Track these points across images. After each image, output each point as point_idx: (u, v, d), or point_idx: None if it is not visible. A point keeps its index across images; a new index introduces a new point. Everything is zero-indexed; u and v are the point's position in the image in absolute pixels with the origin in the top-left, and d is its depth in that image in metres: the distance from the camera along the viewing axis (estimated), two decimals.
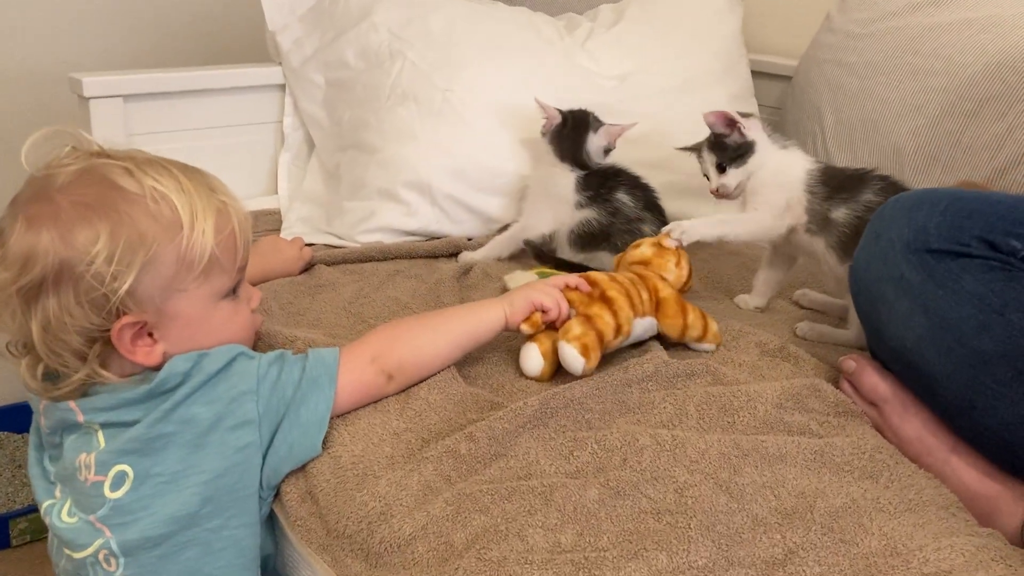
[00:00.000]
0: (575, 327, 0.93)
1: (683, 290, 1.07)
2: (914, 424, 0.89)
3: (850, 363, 0.95)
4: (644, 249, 1.08)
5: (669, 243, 1.07)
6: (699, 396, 0.91)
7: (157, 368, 0.79)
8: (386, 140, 1.35)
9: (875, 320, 0.91)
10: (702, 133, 1.19)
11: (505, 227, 1.35)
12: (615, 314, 0.95)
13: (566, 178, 1.26)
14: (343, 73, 1.44)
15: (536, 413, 0.86)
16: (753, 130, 1.15)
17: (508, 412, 0.85)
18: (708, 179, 1.17)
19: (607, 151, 1.29)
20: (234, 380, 0.80)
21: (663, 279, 1.04)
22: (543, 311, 0.95)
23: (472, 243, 1.34)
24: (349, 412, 0.87)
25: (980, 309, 0.80)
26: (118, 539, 0.77)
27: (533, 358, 0.95)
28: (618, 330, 0.95)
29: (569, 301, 0.97)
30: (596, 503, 0.75)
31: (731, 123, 1.14)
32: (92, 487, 0.78)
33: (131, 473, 0.77)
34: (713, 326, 1.02)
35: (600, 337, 0.93)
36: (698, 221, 1.11)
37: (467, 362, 0.98)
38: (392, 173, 1.33)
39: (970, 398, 0.82)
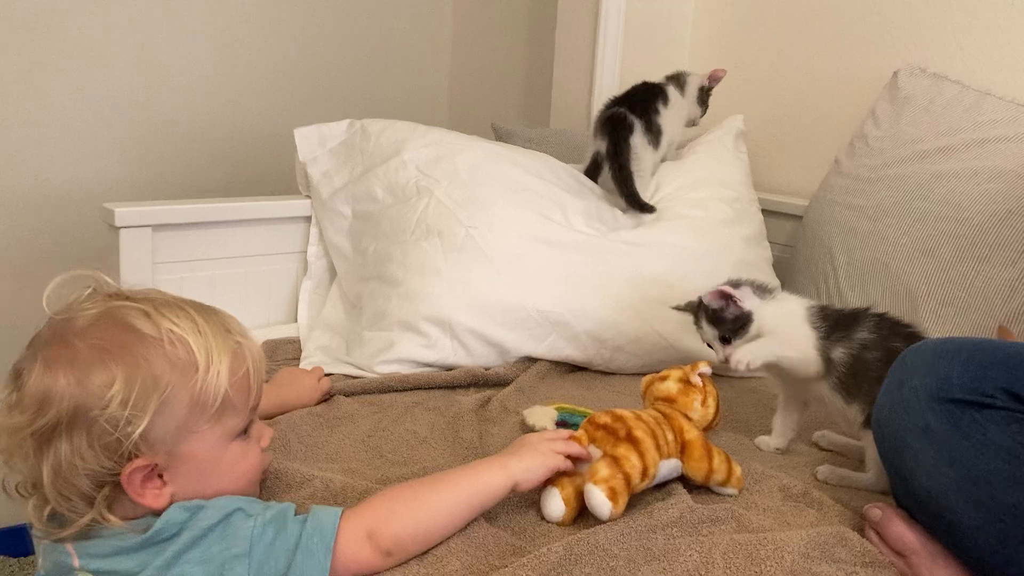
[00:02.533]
0: (602, 469, 0.92)
1: (708, 428, 1.06)
2: None
3: (876, 512, 0.94)
4: (670, 384, 1.06)
5: (695, 379, 1.06)
6: (725, 544, 0.89)
7: (162, 512, 0.78)
8: (409, 273, 1.38)
9: (901, 468, 0.90)
10: (718, 271, 1.22)
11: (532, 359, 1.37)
12: (642, 456, 0.94)
13: None
14: (370, 206, 1.49)
15: (560, 560, 0.85)
16: (746, 299, 1.16)
17: (532, 559, 0.84)
18: (713, 349, 1.19)
19: None
20: (229, 540, 0.78)
21: (688, 419, 1.03)
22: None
23: (490, 372, 1.35)
24: None
25: (1008, 462, 0.80)
26: None
27: (555, 504, 0.94)
28: (644, 473, 0.94)
29: (593, 440, 0.97)
30: None
31: (727, 298, 1.16)
32: None
33: None
34: (737, 470, 1.01)
35: (627, 480, 0.92)
36: (753, 345, 1.11)
37: None
38: (414, 306, 1.36)
39: (1003, 552, 0.81)
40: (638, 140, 1.59)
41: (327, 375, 1.31)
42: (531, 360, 1.41)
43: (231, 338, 0.83)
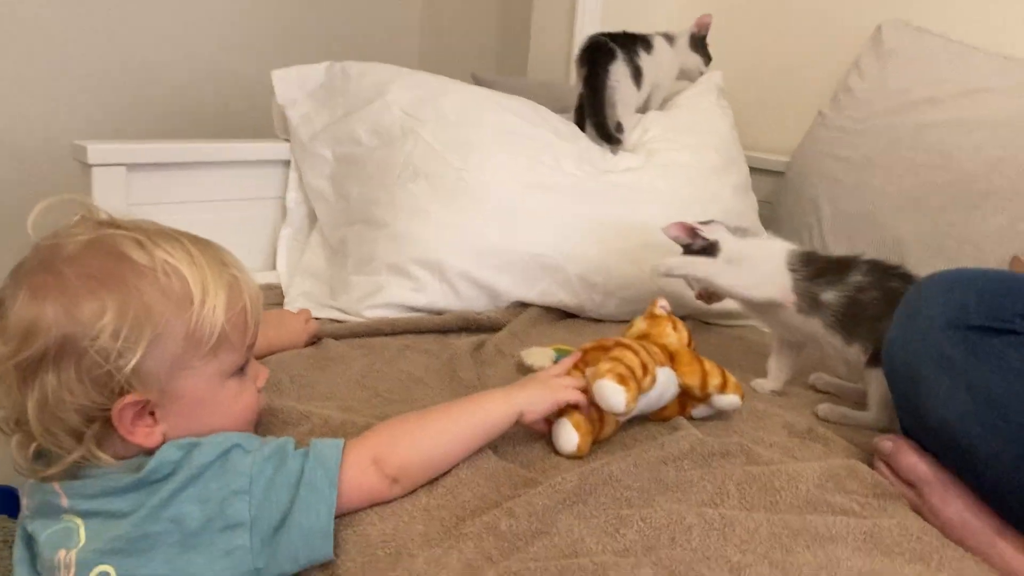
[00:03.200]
0: (603, 364, 0.91)
1: None
2: (956, 506, 0.87)
3: (887, 444, 0.93)
4: (637, 323, 1.07)
5: (659, 311, 1.07)
6: (738, 475, 0.88)
7: (154, 451, 0.74)
8: (397, 216, 1.34)
9: (914, 399, 0.90)
10: (707, 218, 1.22)
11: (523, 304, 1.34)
12: (636, 353, 0.93)
13: None
14: (354, 149, 1.44)
15: (575, 489, 0.83)
16: (715, 231, 1.17)
17: (547, 488, 0.82)
18: (692, 288, 1.21)
19: None
20: (227, 477, 0.74)
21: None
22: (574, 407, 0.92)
23: (482, 316, 1.32)
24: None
25: None
26: None
27: (567, 433, 0.92)
28: (645, 369, 0.92)
29: (587, 363, 0.96)
30: None
31: (691, 232, 1.17)
32: None
33: (114, 574, 0.71)
34: (732, 377, 1.00)
35: (631, 371, 0.90)
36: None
37: None
38: (402, 249, 1.32)
39: (1018, 477, 0.80)
40: (619, 69, 1.56)
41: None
42: (522, 305, 1.39)
43: (227, 271, 0.79)
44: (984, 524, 0.85)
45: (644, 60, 1.62)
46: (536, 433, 0.95)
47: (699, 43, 1.74)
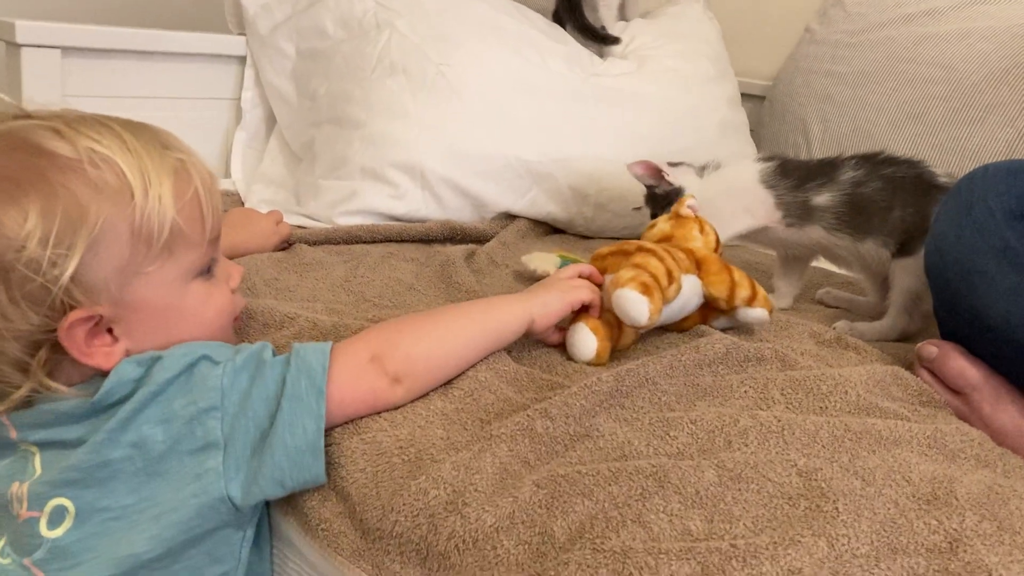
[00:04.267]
0: (625, 272, 0.81)
1: None
2: (1010, 412, 0.81)
3: (931, 348, 0.86)
4: (662, 225, 0.97)
5: (686, 211, 0.97)
6: (780, 380, 0.80)
7: None
8: (373, 114, 1.21)
9: (968, 297, 0.83)
10: (703, 130, 1.14)
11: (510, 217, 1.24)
12: (661, 259, 0.83)
13: None
14: (320, 42, 1.30)
15: (611, 390, 0.74)
16: (682, 175, 1.10)
17: (582, 388, 0.72)
18: None
19: None
20: (195, 393, 0.63)
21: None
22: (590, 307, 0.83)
23: (468, 226, 1.21)
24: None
25: None
26: None
27: (585, 338, 0.82)
28: (670, 276, 0.83)
29: (604, 270, 0.87)
30: (717, 486, 0.63)
31: (657, 174, 1.10)
32: (26, 524, 0.62)
33: (72, 508, 0.61)
34: (762, 290, 0.92)
35: (655, 279, 0.81)
36: None
37: None
38: (379, 151, 1.19)
39: None
40: None
41: None
42: (509, 217, 1.28)
43: (170, 155, 0.66)
44: None
45: None
46: (551, 345, 0.86)
47: None
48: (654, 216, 1.09)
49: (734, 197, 1.07)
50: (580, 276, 0.88)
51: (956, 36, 1.39)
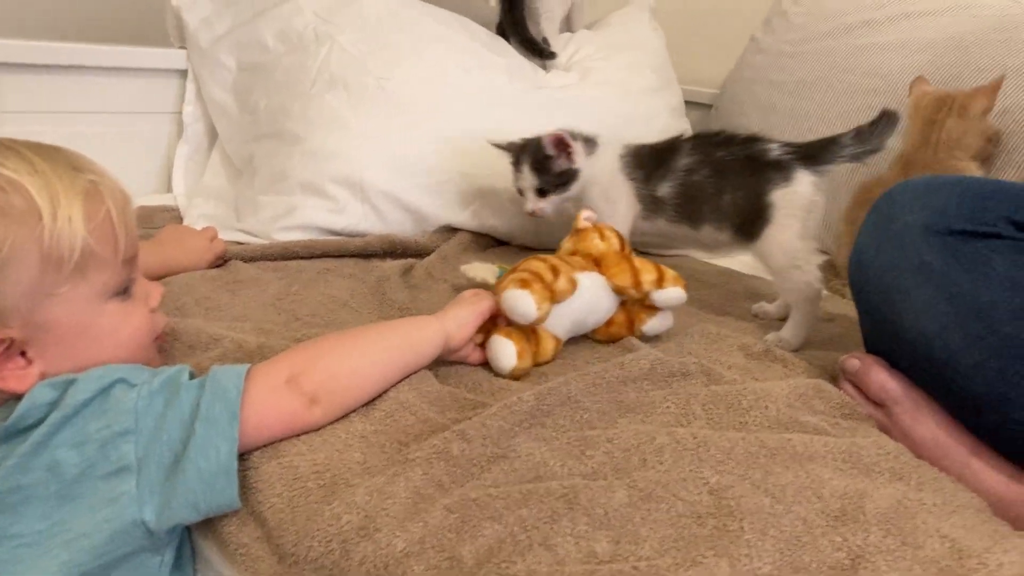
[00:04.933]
0: (506, 277, 0.85)
1: None
2: (928, 425, 0.82)
3: (854, 362, 0.88)
4: (565, 243, 0.99)
5: (583, 224, 0.98)
6: (703, 395, 0.81)
7: None
8: (311, 129, 1.21)
9: (887, 311, 0.84)
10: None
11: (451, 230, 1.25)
12: (543, 260, 0.86)
13: None
14: (260, 56, 1.29)
15: (531, 410, 0.74)
16: (578, 155, 1.10)
17: (501, 408, 0.73)
18: (522, 196, 1.13)
19: None
20: (109, 416, 0.62)
21: None
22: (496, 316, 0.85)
23: (408, 240, 1.21)
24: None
25: (1013, 292, 0.74)
26: None
27: (505, 347, 0.83)
28: (554, 270, 0.85)
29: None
30: (627, 506, 0.63)
31: (564, 147, 1.08)
32: None
33: None
34: (669, 270, 0.93)
35: (538, 276, 0.83)
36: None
37: (433, 361, 0.84)
38: (318, 165, 1.19)
39: (1001, 390, 0.75)
40: None
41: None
42: (451, 230, 1.28)
43: (81, 176, 0.66)
44: (958, 443, 0.80)
45: None
46: (474, 365, 0.86)
47: None
48: (542, 188, 1.10)
49: (612, 188, 1.09)
50: None
51: (894, 46, 1.41)
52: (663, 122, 1.43)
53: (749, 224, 1.02)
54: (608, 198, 1.09)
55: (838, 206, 1.28)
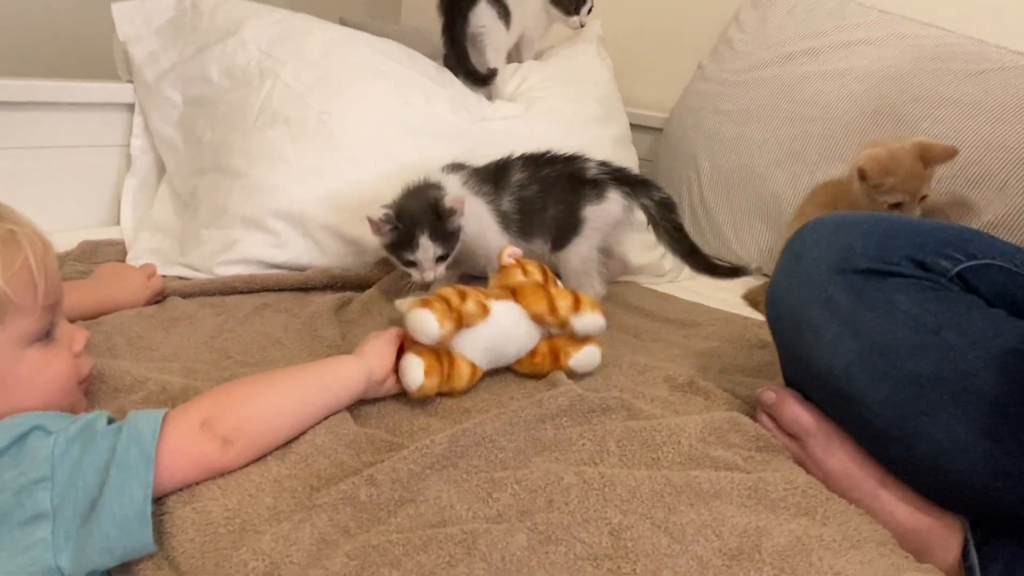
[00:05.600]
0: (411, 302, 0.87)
1: None
2: (839, 457, 0.84)
3: (769, 395, 0.90)
4: (491, 281, 1.01)
5: (506, 260, 1.01)
6: (618, 431, 0.83)
7: None
8: (253, 163, 1.22)
9: (799, 346, 0.86)
10: None
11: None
12: (453, 286, 0.89)
13: None
14: (204, 90, 1.31)
15: (444, 452, 0.76)
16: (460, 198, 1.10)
17: (413, 452, 0.74)
18: (417, 268, 1.10)
19: None
20: (24, 464, 0.63)
21: None
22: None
23: (349, 273, 1.22)
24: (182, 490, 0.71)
25: (915, 330, 0.77)
26: None
27: (412, 363, 0.85)
28: (462, 295, 0.87)
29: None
30: (525, 551, 0.65)
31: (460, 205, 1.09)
32: None
33: None
34: (586, 296, 0.95)
35: (445, 301, 0.85)
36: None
37: (357, 402, 0.85)
38: (259, 200, 1.20)
39: (904, 424, 0.78)
40: (483, 12, 1.45)
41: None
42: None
43: (0, 226, 0.68)
44: (867, 475, 0.83)
45: (512, 1, 1.53)
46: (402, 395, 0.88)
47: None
48: (444, 255, 1.11)
49: (485, 227, 1.15)
50: None
51: (833, 76, 1.44)
52: (606, 152, 1.44)
53: (561, 236, 1.14)
54: (480, 224, 1.13)
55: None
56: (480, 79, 1.44)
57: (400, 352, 0.87)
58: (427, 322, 0.83)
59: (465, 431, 0.78)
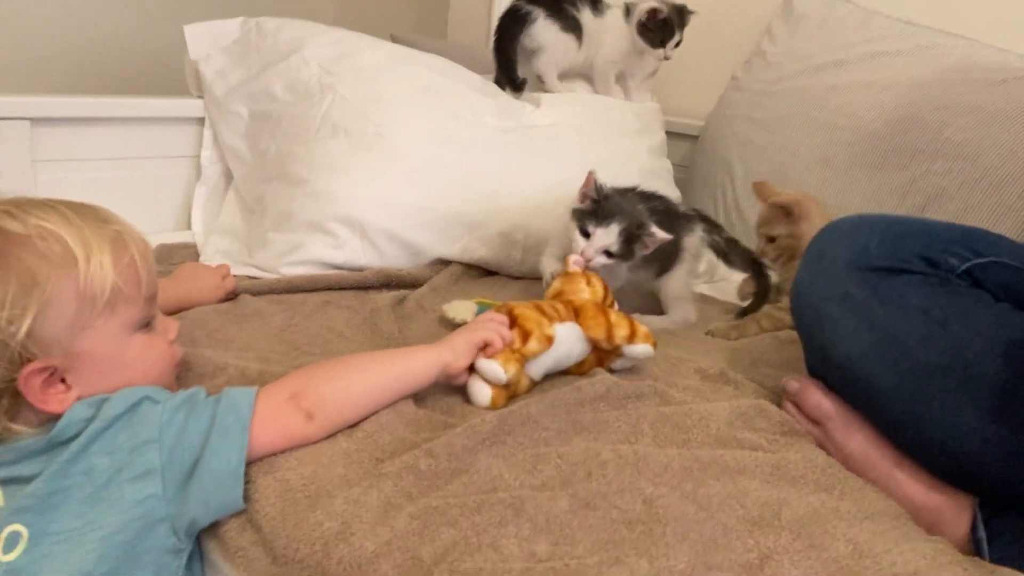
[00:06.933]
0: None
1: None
2: (857, 440, 0.91)
3: (793, 383, 0.97)
4: (555, 283, 1.08)
5: (572, 268, 1.08)
6: (652, 415, 0.90)
7: None
8: (315, 172, 1.32)
9: (820, 338, 0.93)
10: (623, 176, 1.25)
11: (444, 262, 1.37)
12: (521, 326, 0.94)
13: None
14: (269, 105, 1.41)
15: (493, 430, 0.84)
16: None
17: (466, 429, 0.83)
18: (588, 242, 1.15)
19: None
20: (136, 428, 0.74)
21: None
22: (488, 345, 0.93)
23: (403, 273, 1.32)
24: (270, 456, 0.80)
25: (924, 322, 0.84)
26: None
27: (483, 391, 0.91)
28: (525, 337, 0.93)
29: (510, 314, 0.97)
30: (567, 514, 0.73)
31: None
32: None
33: (25, 533, 0.71)
34: (641, 327, 1.01)
35: (508, 346, 0.92)
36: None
37: None
38: (321, 206, 1.30)
39: (916, 410, 0.85)
40: (541, 27, 1.56)
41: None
42: (444, 262, 1.39)
43: (109, 227, 0.78)
44: (883, 456, 0.90)
45: (585, 16, 1.62)
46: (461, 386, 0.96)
47: (645, 28, 1.66)
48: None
49: None
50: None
51: (860, 86, 1.50)
52: (642, 161, 1.53)
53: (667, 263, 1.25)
54: None
55: None
56: (516, 86, 1.53)
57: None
58: (494, 371, 0.90)
59: (511, 412, 0.87)
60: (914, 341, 0.84)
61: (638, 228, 1.14)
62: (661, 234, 1.14)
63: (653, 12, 1.63)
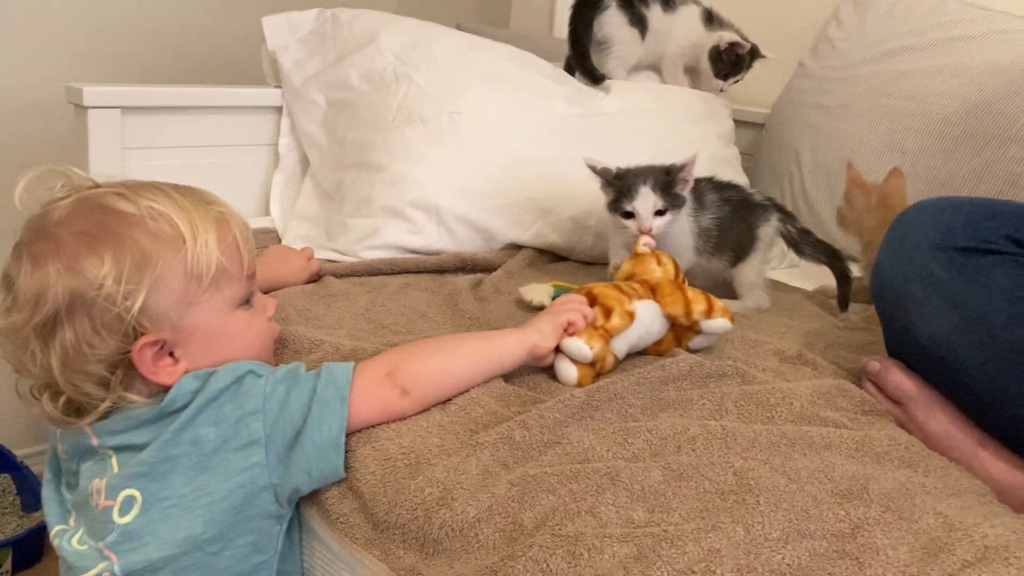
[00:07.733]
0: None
1: None
2: (940, 419, 0.92)
3: (874, 364, 0.98)
4: (624, 266, 1.09)
5: (642, 249, 1.09)
6: (735, 394, 0.92)
7: None
8: (393, 159, 1.36)
9: (902, 318, 0.94)
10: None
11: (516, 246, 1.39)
12: (603, 304, 0.96)
13: None
14: (346, 94, 1.45)
15: (582, 405, 0.87)
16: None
17: (556, 403, 0.86)
18: (635, 219, 1.15)
19: None
20: (242, 400, 0.78)
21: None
22: (571, 325, 0.95)
23: (478, 256, 1.35)
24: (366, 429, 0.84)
25: (1010, 302, 0.84)
26: (122, 564, 0.75)
27: (570, 371, 0.94)
28: (608, 313, 0.95)
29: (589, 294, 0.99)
30: (661, 484, 0.75)
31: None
32: (102, 512, 0.76)
33: (139, 497, 0.76)
34: (718, 302, 1.02)
35: (593, 324, 0.94)
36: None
37: None
38: (399, 192, 1.34)
39: (1002, 388, 0.85)
40: (612, 18, 1.58)
41: None
42: (516, 247, 1.42)
43: (212, 208, 0.83)
44: (966, 436, 0.90)
45: (654, 12, 1.64)
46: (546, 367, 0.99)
47: (719, 57, 1.69)
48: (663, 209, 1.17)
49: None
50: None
51: (931, 72, 1.49)
52: (711, 147, 1.55)
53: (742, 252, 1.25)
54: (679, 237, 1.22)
55: None
56: (596, 79, 1.55)
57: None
58: (579, 348, 0.92)
59: (599, 388, 0.89)
60: (1000, 320, 0.85)
61: (665, 175, 1.16)
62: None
63: (734, 46, 1.65)
